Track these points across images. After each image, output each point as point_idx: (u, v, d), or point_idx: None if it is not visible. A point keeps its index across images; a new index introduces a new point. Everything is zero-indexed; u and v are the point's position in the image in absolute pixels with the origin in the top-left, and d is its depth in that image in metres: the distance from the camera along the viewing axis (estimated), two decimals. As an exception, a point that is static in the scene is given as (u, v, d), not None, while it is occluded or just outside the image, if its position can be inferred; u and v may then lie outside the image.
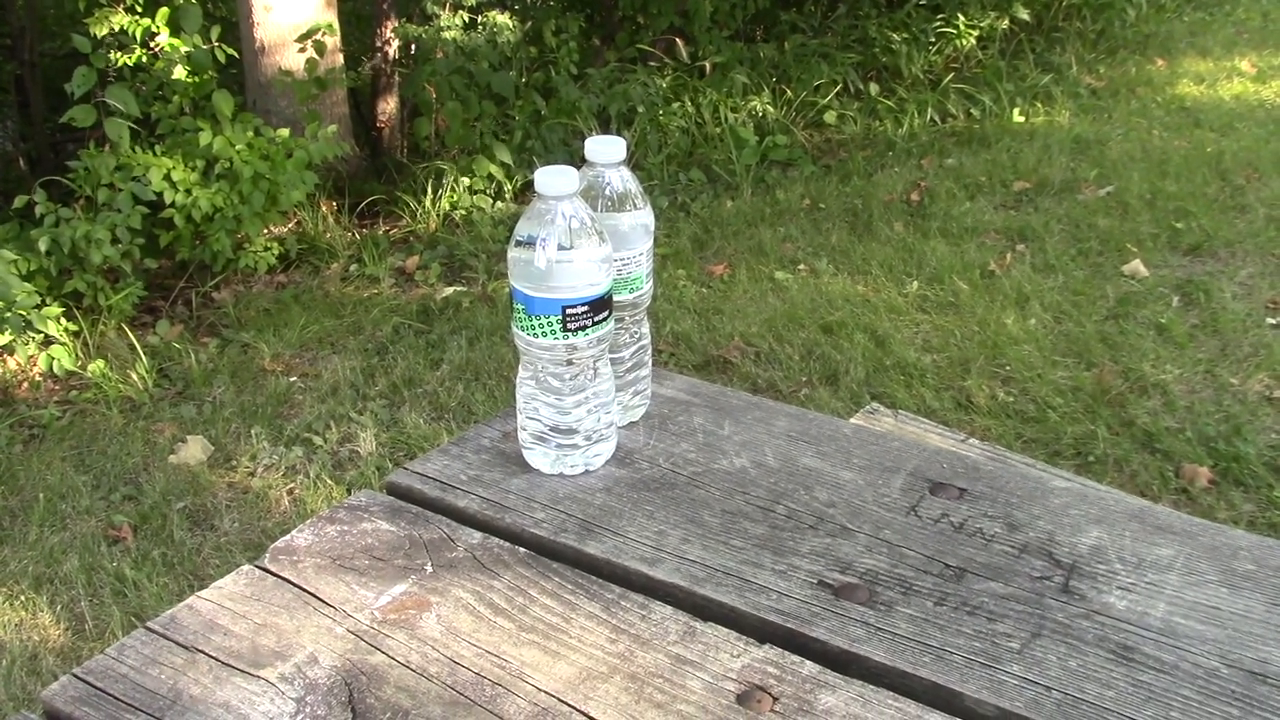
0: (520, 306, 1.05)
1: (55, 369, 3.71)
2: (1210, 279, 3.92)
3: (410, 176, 5.14)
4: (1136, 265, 4.03)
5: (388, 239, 4.80)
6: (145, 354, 3.79)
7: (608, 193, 1.11)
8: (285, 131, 4.37)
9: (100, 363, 3.73)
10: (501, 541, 1.03)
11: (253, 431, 3.30)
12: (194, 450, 3.22)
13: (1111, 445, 2.97)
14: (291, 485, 3.03)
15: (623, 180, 1.11)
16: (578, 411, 1.09)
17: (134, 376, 3.66)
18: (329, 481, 3.01)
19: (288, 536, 1.05)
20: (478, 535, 1.04)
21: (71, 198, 4.19)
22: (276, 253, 4.52)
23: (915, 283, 3.96)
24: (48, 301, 3.87)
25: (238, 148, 4.23)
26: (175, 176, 4.14)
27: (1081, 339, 3.52)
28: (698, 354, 3.57)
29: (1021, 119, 5.76)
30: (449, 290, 4.21)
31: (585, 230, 1.03)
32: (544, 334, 1.04)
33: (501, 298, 4.11)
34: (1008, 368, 3.39)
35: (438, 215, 4.89)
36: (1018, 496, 1.09)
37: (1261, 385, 3.23)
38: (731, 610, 0.95)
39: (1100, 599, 0.95)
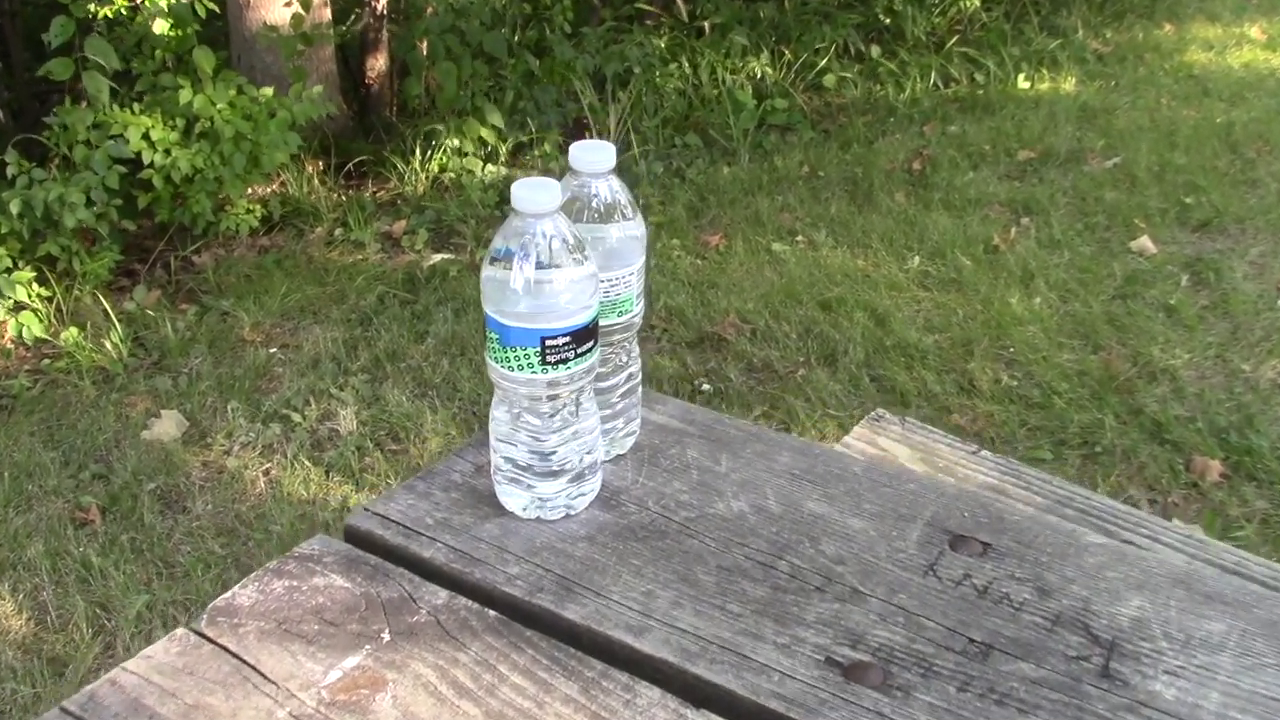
0: (494, 336, 0.93)
1: (26, 336, 3.58)
2: (1220, 257, 3.80)
3: (399, 137, 4.99)
4: (1144, 242, 3.91)
5: (374, 202, 4.65)
6: (121, 322, 3.66)
7: (594, 204, 0.99)
8: (269, 91, 4.21)
9: (74, 330, 3.60)
10: (469, 603, 0.92)
11: (229, 407, 3.18)
12: (168, 426, 3.10)
13: (1119, 435, 2.87)
14: (268, 466, 2.92)
15: (611, 190, 0.99)
16: (560, 450, 0.98)
17: (108, 345, 3.54)
18: (307, 463, 2.89)
19: (229, 594, 0.93)
20: (443, 594, 0.93)
21: (47, 157, 4.03)
22: (259, 215, 4.37)
23: (917, 257, 3.83)
24: (19, 265, 3.73)
25: (219, 106, 4.07)
26: (154, 136, 3.98)
27: (1088, 320, 3.41)
28: (691, 330, 3.45)
29: (1026, 85, 5.61)
30: (436, 258, 4.08)
31: (568, 251, 0.91)
32: (520, 367, 0.92)
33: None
34: (1012, 350, 3.28)
35: (426, 178, 4.74)
36: (1048, 554, 0.97)
37: (1274, 372, 3.12)
38: (728, 695, 0.83)
39: (1146, 686, 0.84)
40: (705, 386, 3.15)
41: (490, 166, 4.81)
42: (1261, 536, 2.52)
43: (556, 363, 0.92)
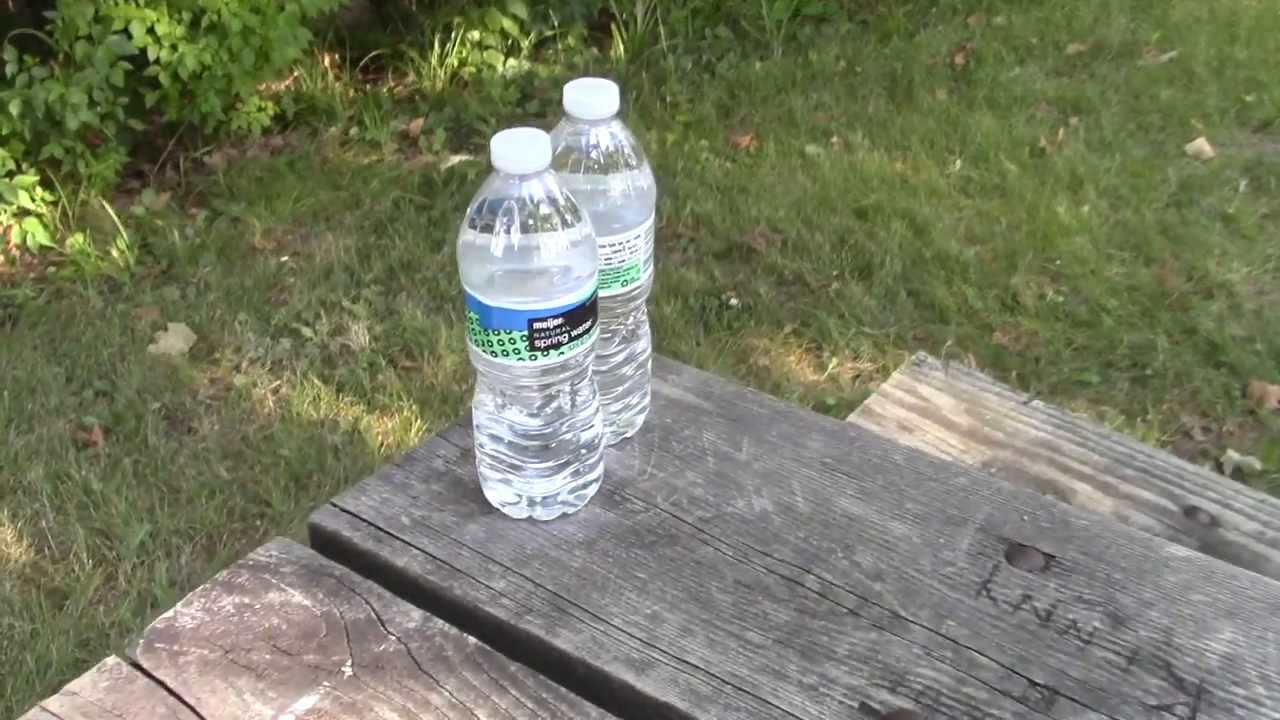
0: (473, 316, 0.79)
1: (30, 243, 3.46)
2: (1282, 161, 3.58)
3: (417, 29, 4.77)
4: (1201, 144, 3.69)
5: (391, 98, 4.46)
6: (128, 227, 3.53)
7: (594, 155, 0.83)
8: (277, -20, 4.01)
9: (79, 237, 3.48)
10: (446, 626, 0.79)
11: (238, 319, 3.06)
12: (175, 340, 2.99)
13: (1171, 356, 2.71)
14: (277, 383, 2.81)
15: (614, 139, 0.83)
16: (554, 443, 0.84)
17: (114, 253, 3.41)
18: (317, 381, 2.77)
19: (170, 613, 0.81)
20: (416, 615, 0.80)
21: (49, 54, 3.86)
22: (271, 113, 4.19)
23: (958, 161, 3.63)
24: (23, 169, 3.59)
25: (225, -1, 3.88)
26: (159, 30, 3.80)
27: (1140, 230, 3.22)
28: (720, 240, 3.28)
29: (1078, -29, 5.30)
30: (454, 159, 3.91)
31: (559, 216, 0.76)
32: (505, 353, 0.78)
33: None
34: (1058, 262, 3.10)
35: (445, 73, 4.54)
36: (1121, 570, 0.83)
37: (1338, 288, 2.94)
38: (743, 752, 0.71)
39: (1240, 747, 0.71)
40: (733, 301, 3.00)
41: (512, 61, 4.60)
42: (1322, 469, 2.38)
43: (547, 348, 0.78)
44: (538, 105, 4.30)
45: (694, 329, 2.88)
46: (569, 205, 0.76)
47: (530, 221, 0.75)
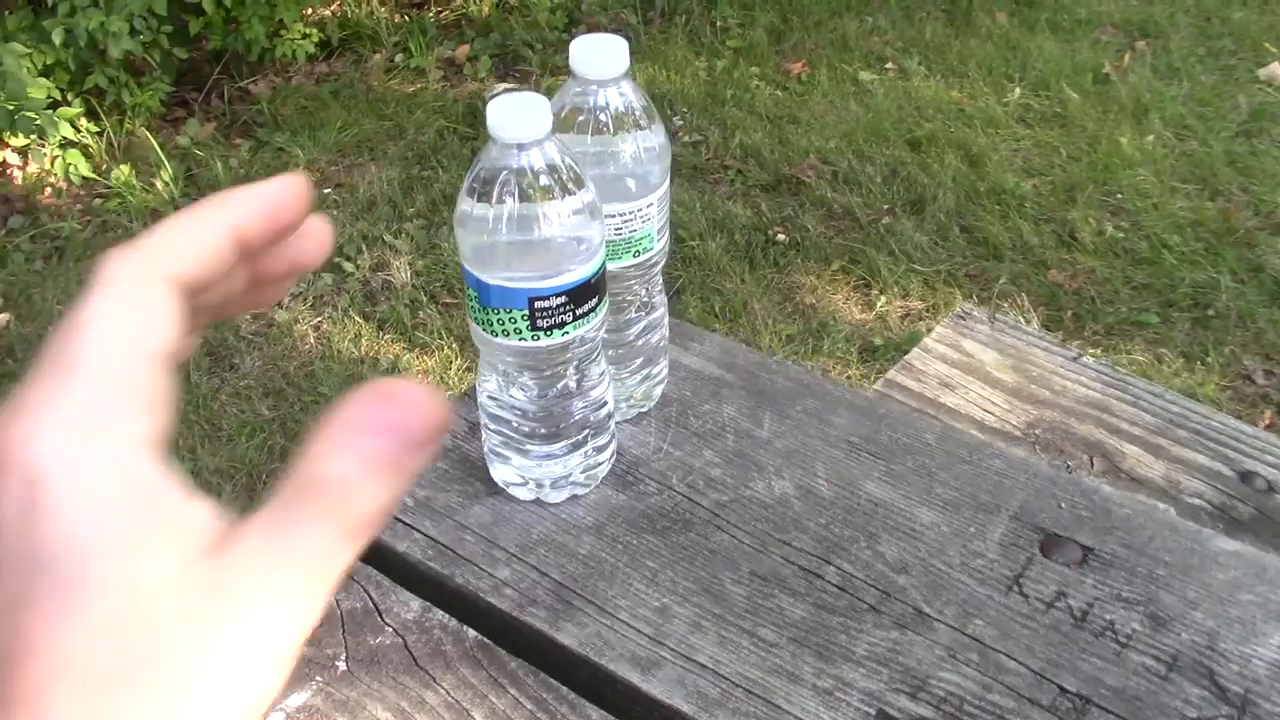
0: (472, 293, 0.74)
1: (73, 175, 3.45)
2: (1361, 86, 3.42)
3: (463, -50, 4.68)
4: (1274, 69, 3.53)
5: (437, 24, 4.39)
6: (173, 159, 3.51)
7: (601, 117, 0.77)
8: (320, -97, 3.94)
9: (125, 168, 3.46)
10: (445, 618, 0.76)
11: (280, 254, 3.03)
12: (217, 275, 2.98)
13: (1235, 296, 2.61)
14: (319, 320, 2.79)
15: (623, 98, 0.78)
16: (562, 424, 0.80)
17: (159, 185, 3.40)
18: (358, 318, 2.75)
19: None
20: (415, 605, 0.77)
21: (92, -21, 3.83)
22: (316, 40, 4.14)
23: (1017, 89, 3.50)
24: (69, 99, 3.58)
25: (267, -77, 3.82)
26: (201, -45, 3.76)
27: (1206, 161, 3.09)
28: (768, 172, 3.20)
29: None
30: (500, 87, 3.84)
31: (560, 187, 0.71)
32: (505, 333, 0.74)
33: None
34: (1119, 196, 2.98)
35: (491, -3, 4.45)
36: (1165, 565, 0.78)
37: None
38: (751, 762, 0.67)
39: (1286, 767, 0.66)
40: (780, 237, 2.92)
41: (560, -16, 4.50)
42: (1391, 417, 2.28)
43: (549, 328, 0.73)
44: (585, 30, 4.20)
45: (739, 265, 2.82)
46: (572, 174, 0.71)
47: (530, 191, 0.70)
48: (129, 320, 0.34)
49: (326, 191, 3.33)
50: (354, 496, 0.33)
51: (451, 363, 2.59)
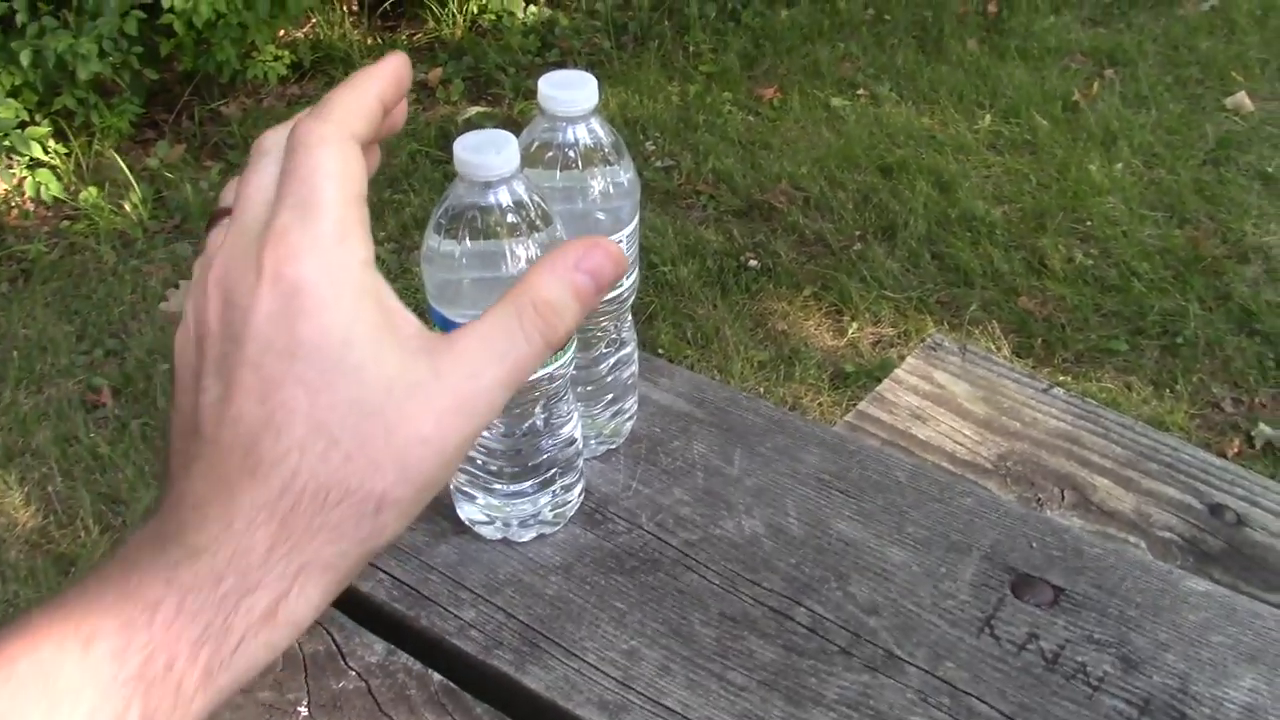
0: (438, 330, 0.73)
1: (43, 195, 3.42)
2: (1326, 116, 3.46)
3: (436, -27, 4.68)
4: (1241, 98, 3.56)
5: (410, 46, 4.38)
6: (143, 180, 3.48)
7: (570, 154, 0.77)
8: (293, -74, 3.92)
9: (93, 190, 3.44)
10: (410, 661, 0.74)
11: (250, 277, 3.01)
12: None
13: (1204, 324, 2.62)
14: (287, 344, 2.76)
15: (592, 135, 0.77)
16: (530, 462, 0.79)
17: (127, 207, 3.37)
18: (327, 343, 2.73)
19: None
20: (379, 648, 0.75)
21: (63, 3, 3.80)
22: (288, 62, 4.13)
23: (988, 115, 3.52)
24: (36, 120, 3.55)
25: (240, -55, 3.80)
26: (173, -23, 3.74)
27: (1174, 189, 3.12)
28: (740, 198, 3.20)
29: (1118, -86, 5.13)
30: (472, 110, 3.84)
31: (529, 224, 0.70)
32: (472, 372, 0.72)
33: (528, 121, 3.72)
34: (1088, 223, 3.00)
35: (465, 20, 4.45)
36: (1136, 606, 0.77)
37: (1380, 253, 2.84)
38: (720, 811, 0.66)
39: (1258, 813, 0.65)
40: (752, 263, 2.92)
41: (532, 8, 4.50)
42: (1358, 445, 2.30)
43: None
44: (558, 54, 4.21)
45: (711, 291, 2.82)
46: (539, 211, 0.70)
47: (496, 229, 0.69)
48: (343, 170, 0.45)
49: (297, 214, 3.31)
50: (559, 315, 0.46)
51: (422, 388, 2.57)
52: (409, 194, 3.35)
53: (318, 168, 0.45)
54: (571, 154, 0.76)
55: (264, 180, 0.47)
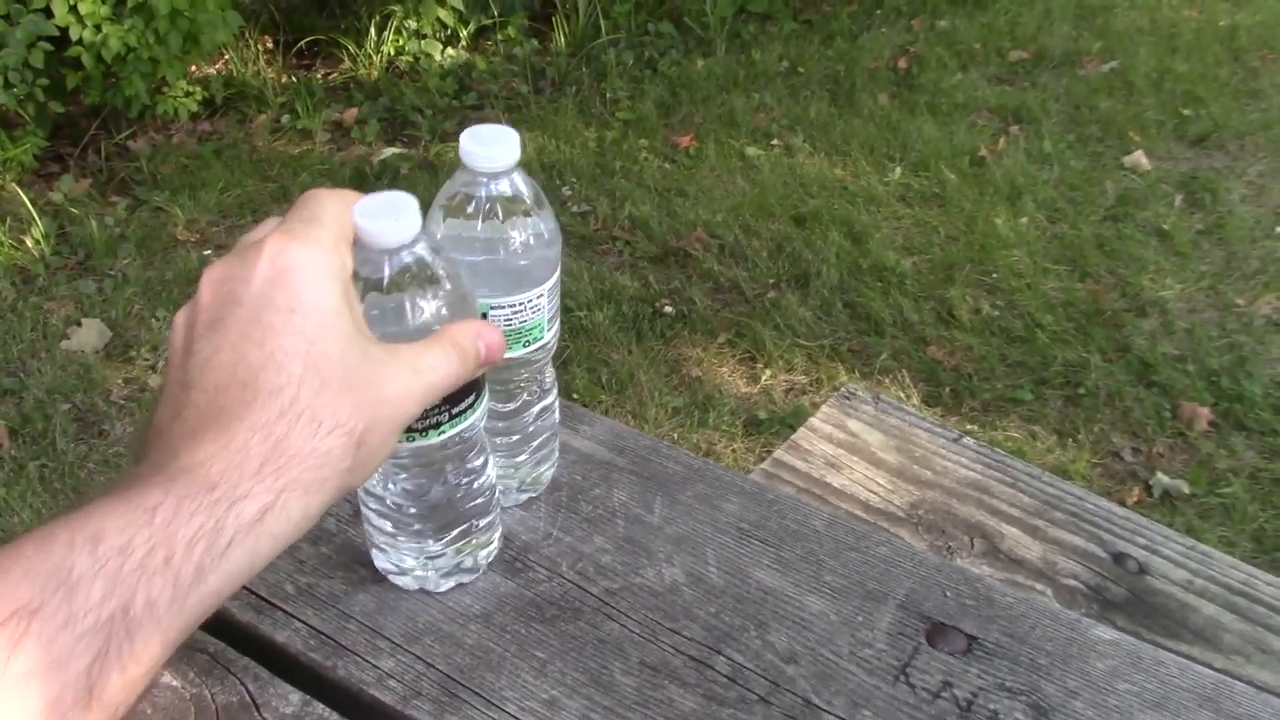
0: None
1: (-59, 230, 3.33)
2: (1217, 176, 3.59)
3: (354, 14, 4.67)
4: (1139, 157, 3.69)
5: (325, 86, 4.36)
6: (46, 215, 3.41)
7: (491, 209, 0.76)
8: (208, -38, 3.89)
9: (-7, 224, 3.35)
10: (327, 712, 0.73)
11: (156, 315, 2.96)
12: (89, 335, 2.89)
13: (1104, 375, 2.70)
14: (195, 384, 2.71)
15: (514, 188, 0.77)
16: (444, 514, 0.78)
17: (29, 242, 3.29)
18: (236, 384, 2.68)
19: (23, 695, 0.74)
20: (295, 698, 0.74)
21: (-35, 30, 3.72)
22: (199, 98, 4.08)
23: (898, 169, 3.60)
24: (-65, 151, 3.46)
25: (153, -21, 3.75)
26: (82, 10, 3.67)
27: (1076, 244, 3.21)
28: (656, 244, 3.23)
29: (1023, -24, 5.30)
30: (388, 152, 3.82)
31: (428, 287, 0.68)
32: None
33: (444, 165, 3.73)
34: (995, 275, 3.08)
35: (381, 61, 4.44)
36: (1046, 654, 0.79)
37: (1269, 308, 2.95)
38: None
39: None
40: (668, 309, 2.95)
41: (450, 51, 4.51)
42: (1250, 493, 2.37)
43: (425, 429, 0.71)
44: (475, 97, 4.22)
45: (626, 337, 2.83)
46: (448, 270, 0.69)
47: (395, 291, 0.67)
48: (343, 216, 0.60)
49: (207, 253, 3.27)
50: (469, 356, 0.62)
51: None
52: (322, 234, 3.32)
53: (325, 204, 0.59)
54: (492, 207, 0.76)
55: (267, 223, 0.61)
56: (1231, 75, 4.27)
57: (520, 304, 0.77)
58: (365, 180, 3.63)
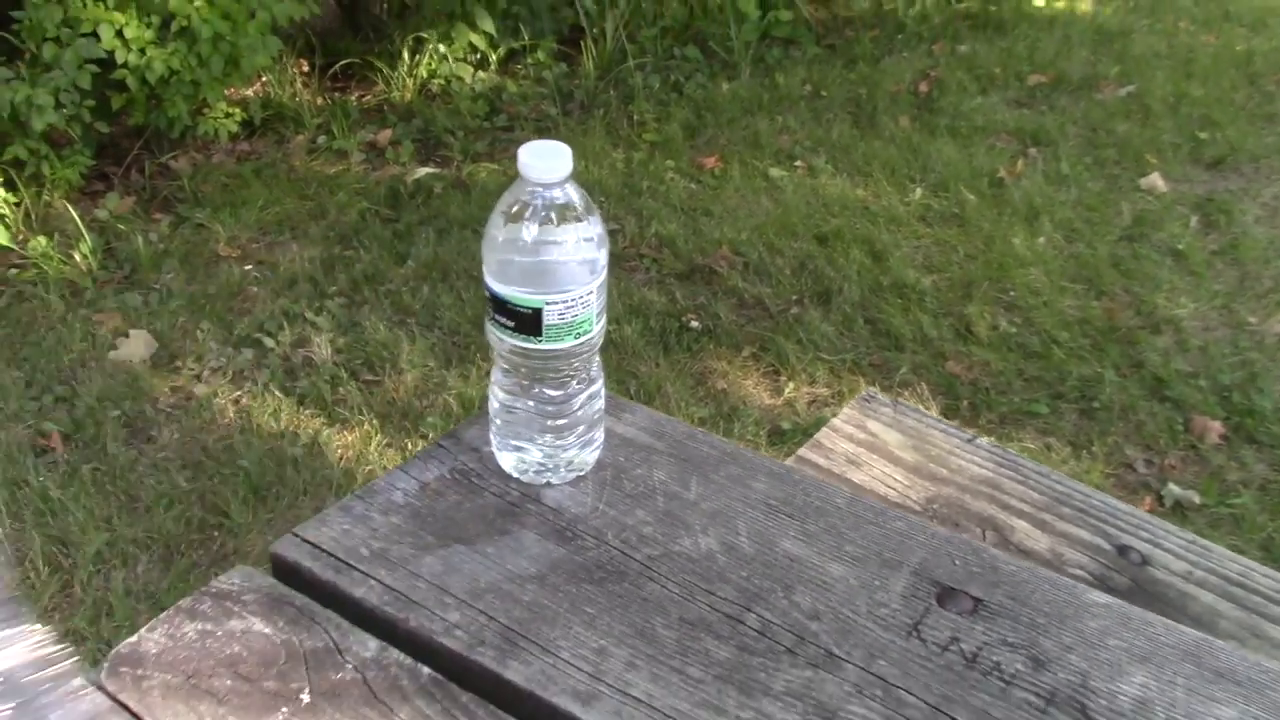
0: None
1: (-7, 244, 3.45)
2: (1232, 198, 3.67)
3: (388, 39, 4.80)
4: (1155, 179, 3.77)
5: (360, 108, 4.48)
6: (92, 231, 3.53)
7: (546, 214, 0.87)
8: (249, -12, 4.02)
9: (42, 239, 3.47)
10: (401, 656, 0.82)
11: (201, 328, 3.07)
12: (136, 347, 3.00)
13: (1118, 390, 2.77)
14: (239, 394, 2.82)
15: (566, 197, 0.87)
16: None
17: (77, 256, 3.41)
18: (278, 393, 2.79)
19: (135, 638, 0.84)
20: (373, 645, 0.83)
21: (16, 54, 3.86)
22: (239, 119, 4.20)
23: (919, 189, 3.69)
24: (-14, 169, 3.59)
25: (196, 4, 3.89)
26: (128, 34, 3.80)
27: (1093, 263, 3.29)
28: (682, 261, 3.33)
29: (1042, 3, 5.39)
30: (421, 172, 3.94)
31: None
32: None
33: (476, 184, 3.84)
34: (1012, 293, 3.16)
35: (414, 84, 4.56)
36: (1045, 615, 0.88)
37: (1281, 326, 3.02)
38: (681, 784, 0.75)
39: (1146, 787, 0.75)
40: (694, 324, 3.04)
41: (481, 74, 4.63)
42: (1259, 504, 2.45)
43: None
44: (506, 119, 4.33)
45: (654, 350, 2.92)
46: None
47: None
48: None
49: (248, 268, 3.38)
50: None
51: (372, 438, 2.64)
52: (359, 250, 3.43)
53: None
54: (547, 214, 0.86)
55: None
56: (1247, 99, 4.34)
57: (571, 300, 0.87)
58: (400, 198, 3.74)
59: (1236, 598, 1.32)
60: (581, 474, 0.99)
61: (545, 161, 0.85)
